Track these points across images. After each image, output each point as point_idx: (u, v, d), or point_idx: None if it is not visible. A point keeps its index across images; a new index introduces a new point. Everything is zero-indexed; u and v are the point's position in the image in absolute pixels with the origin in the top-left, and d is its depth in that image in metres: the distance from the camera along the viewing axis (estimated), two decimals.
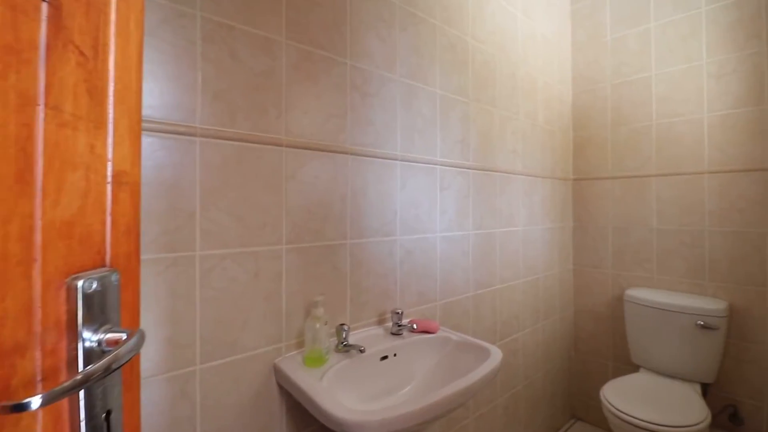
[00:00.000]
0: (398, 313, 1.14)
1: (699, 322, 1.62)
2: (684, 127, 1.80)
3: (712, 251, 1.74)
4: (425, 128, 1.32)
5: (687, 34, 1.78)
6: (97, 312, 0.36)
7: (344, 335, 1.01)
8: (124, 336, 0.37)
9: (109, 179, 0.38)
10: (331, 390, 0.84)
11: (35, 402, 0.28)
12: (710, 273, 1.74)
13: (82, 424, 0.35)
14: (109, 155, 0.38)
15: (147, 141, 0.76)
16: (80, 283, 0.35)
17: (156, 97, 0.77)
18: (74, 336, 0.35)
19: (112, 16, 0.38)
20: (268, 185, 0.93)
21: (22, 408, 0.28)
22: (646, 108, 1.91)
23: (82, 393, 0.35)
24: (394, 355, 1.07)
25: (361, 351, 0.96)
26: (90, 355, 0.36)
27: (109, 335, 0.37)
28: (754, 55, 1.61)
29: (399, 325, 1.14)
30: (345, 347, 1.00)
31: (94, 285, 0.36)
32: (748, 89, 1.63)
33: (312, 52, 1.01)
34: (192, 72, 0.82)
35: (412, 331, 1.14)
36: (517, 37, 1.75)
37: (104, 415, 0.37)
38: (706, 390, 1.68)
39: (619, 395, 1.53)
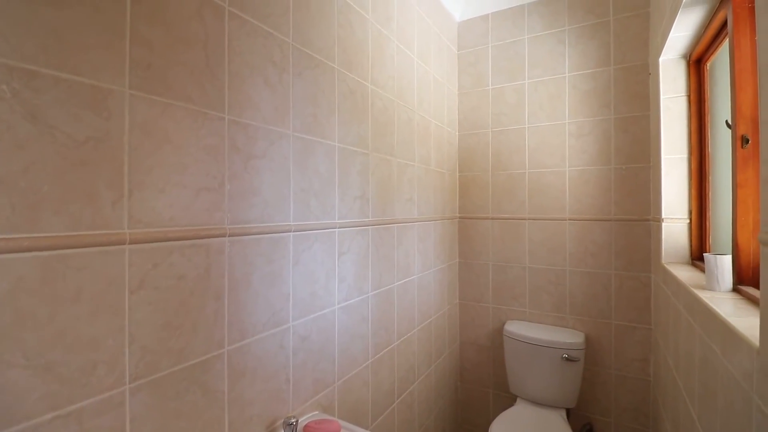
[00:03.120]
0: (291, 424, 0.93)
1: (564, 355, 1.81)
2: (551, 178, 2.00)
3: (571, 289, 1.97)
4: (322, 189, 1.14)
5: (554, 95, 1.98)
6: None
7: None
8: None
9: None
10: None
11: None
12: (570, 307, 1.97)
13: None
14: None
15: None
16: None
17: None
18: None
19: None
20: (99, 306, 0.63)
21: None
22: (520, 157, 2.07)
23: None
24: None
25: None
26: None
27: None
28: (604, 122, 1.87)
29: None
30: None
31: None
32: (599, 150, 1.88)
33: (172, 105, 0.74)
34: None
35: None
36: (413, 82, 1.69)
37: None
38: (569, 413, 1.89)
39: None
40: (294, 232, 1.03)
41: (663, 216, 1.55)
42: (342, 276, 1.23)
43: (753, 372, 0.65)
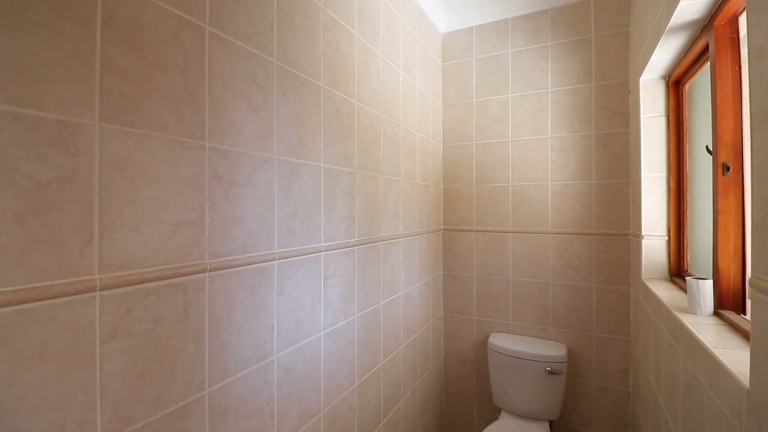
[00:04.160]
0: None
1: (547, 368, 1.83)
2: (534, 191, 2.02)
3: (554, 301, 1.99)
4: (307, 212, 1.10)
5: (536, 109, 2.00)
6: None
7: None
8: None
9: None
10: None
11: None
12: (553, 320, 1.99)
13: None
14: None
15: None
16: None
17: None
18: None
19: None
20: (67, 361, 0.58)
21: None
22: (504, 170, 2.08)
23: None
24: None
25: None
26: None
27: None
28: (585, 137, 1.90)
29: None
30: None
31: None
32: (580, 165, 1.91)
33: (147, 136, 0.69)
34: None
35: None
36: (399, 96, 1.67)
37: None
38: (552, 425, 1.91)
39: None
40: (278, 260, 0.99)
41: (643, 233, 1.58)
42: (328, 300, 1.19)
43: (743, 412, 0.66)
